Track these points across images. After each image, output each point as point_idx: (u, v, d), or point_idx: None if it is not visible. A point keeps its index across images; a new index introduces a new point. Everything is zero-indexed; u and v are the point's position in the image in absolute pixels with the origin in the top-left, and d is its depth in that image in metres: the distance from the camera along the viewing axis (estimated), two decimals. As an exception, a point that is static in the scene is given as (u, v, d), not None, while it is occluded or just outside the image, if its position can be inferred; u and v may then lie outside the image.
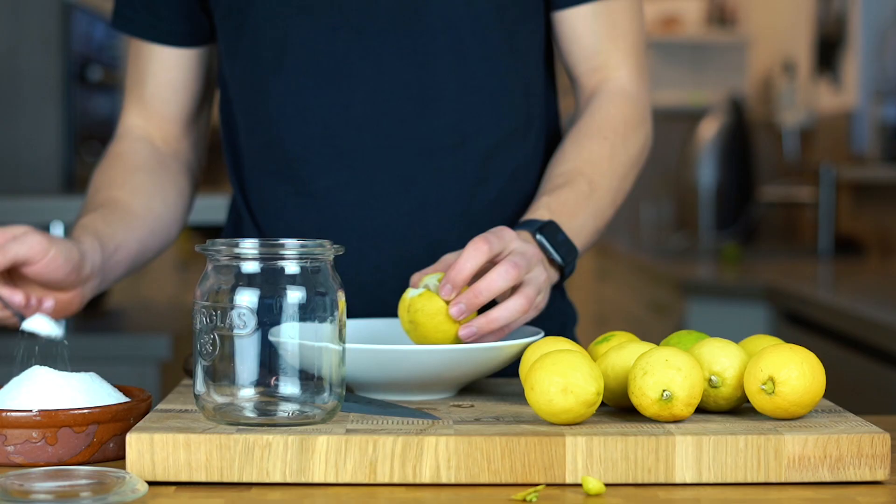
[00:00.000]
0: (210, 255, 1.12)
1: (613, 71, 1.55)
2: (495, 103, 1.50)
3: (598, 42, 1.54)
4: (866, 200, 4.47)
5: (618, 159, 1.51)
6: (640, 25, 1.57)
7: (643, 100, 1.56)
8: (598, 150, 1.49)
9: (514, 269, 1.27)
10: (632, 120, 1.53)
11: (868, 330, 2.76)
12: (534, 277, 1.30)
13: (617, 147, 1.51)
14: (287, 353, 1.10)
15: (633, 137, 1.53)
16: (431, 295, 1.27)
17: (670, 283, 3.96)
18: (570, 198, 1.45)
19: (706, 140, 5.24)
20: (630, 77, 1.55)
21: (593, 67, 1.55)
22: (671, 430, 1.09)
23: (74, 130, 3.86)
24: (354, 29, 1.46)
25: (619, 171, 1.51)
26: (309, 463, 1.06)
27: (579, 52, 1.55)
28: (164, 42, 1.57)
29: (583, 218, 1.45)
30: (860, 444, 1.08)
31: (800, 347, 1.14)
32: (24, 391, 1.16)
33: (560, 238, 1.39)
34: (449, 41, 1.47)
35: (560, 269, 1.40)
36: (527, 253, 1.30)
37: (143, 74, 1.59)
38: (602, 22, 1.54)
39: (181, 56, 1.58)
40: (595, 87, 1.55)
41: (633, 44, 1.56)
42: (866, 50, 4.56)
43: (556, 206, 1.43)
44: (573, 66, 1.57)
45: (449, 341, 1.27)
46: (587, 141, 1.50)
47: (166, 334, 2.81)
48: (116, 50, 4.41)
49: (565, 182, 1.46)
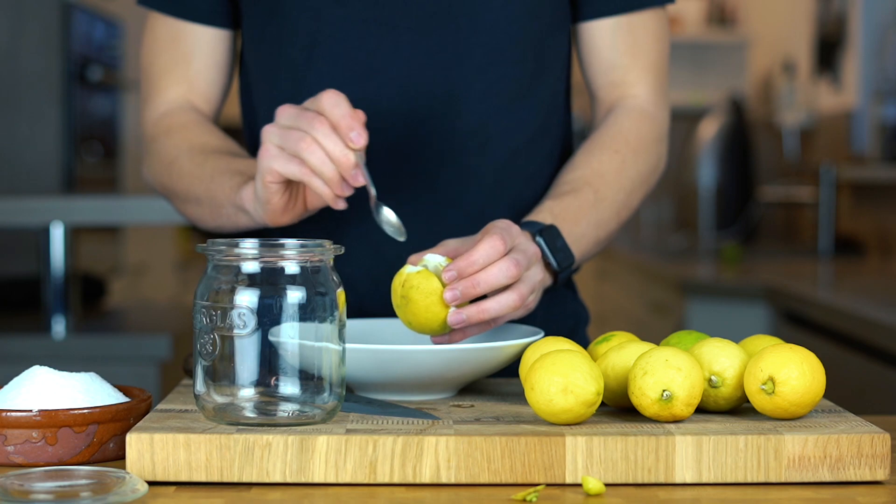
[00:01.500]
0: (210, 255, 1.12)
1: (631, 88, 1.54)
2: (519, 108, 1.50)
3: (616, 56, 1.54)
4: (866, 200, 4.47)
5: (626, 174, 1.50)
6: (662, 45, 1.56)
7: (661, 119, 1.56)
8: (607, 163, 1.49)
9: (515, 268, 1.26)
10: (646, 137, 1.53)
11: (868, 330, 2.76)
12: (530, 276, 1.30)
13: (627, 161, 1.50)
14: (287, 353, 1.10)
15: (646, 154, 1.53)
16: (429, 274, 1.26)
17: (670, 283, 3.96)
18: (574, 205, 1.45)
19: (706, 140, 5.24)
20: (648, 95, 1.55)
21: (612, 82, 1.55)
22: (671, 430, 1.09)
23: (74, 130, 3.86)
24: (387, 24, 1.46)
25: (627, 185, 1.50)
26: (309, 463, 1.06)
27: (598, 65, 1.55)
28: (206, 22, 1.55)
29: (584, 226, 1.45)
30: (860, 444, 1.08)
31: (800, 347, 1.14)
32: (24, 391, 1.16)
33: (559, 244, 1.39)
34: (480, 43, 1.47)
35: (554, 274, 1.40)
36: (528, 251, 1.30)
37: (186, 55, 1.56)
38: (622, 37, 1.54)
39: (220, 37, 1.56)
40: (613, 103, 1.55)
41: (654, 62, 1.55)
42: (866, 50, 4.57)
43: (559, 211, 1.43)
44: (592, 78, 1.57)
45: (436, 323, 1.26)
46: (598, 152, 1.50)
47: (166, 334, 2.81)
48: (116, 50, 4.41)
49: (571, 189, 1.46)
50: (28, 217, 2.92)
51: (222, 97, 1.60)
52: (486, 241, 1.26)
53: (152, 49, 1.57)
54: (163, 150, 1.53)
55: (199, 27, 1.55)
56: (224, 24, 1.56)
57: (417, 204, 1.48)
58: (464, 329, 1.28)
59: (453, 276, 1.25)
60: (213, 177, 1.44)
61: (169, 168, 1.52)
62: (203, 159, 1.48)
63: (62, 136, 3.79)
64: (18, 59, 3.75)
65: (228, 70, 1.59)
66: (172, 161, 1.51)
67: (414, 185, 1.48)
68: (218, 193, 1.44)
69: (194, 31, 1.55)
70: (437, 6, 1.46)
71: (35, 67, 3.76)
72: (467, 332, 1.28)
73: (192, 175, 1.48)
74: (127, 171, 4.74)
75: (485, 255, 1.25)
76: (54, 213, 2.91)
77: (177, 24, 1.56)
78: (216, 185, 1.44)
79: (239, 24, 1.57)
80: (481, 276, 1.25)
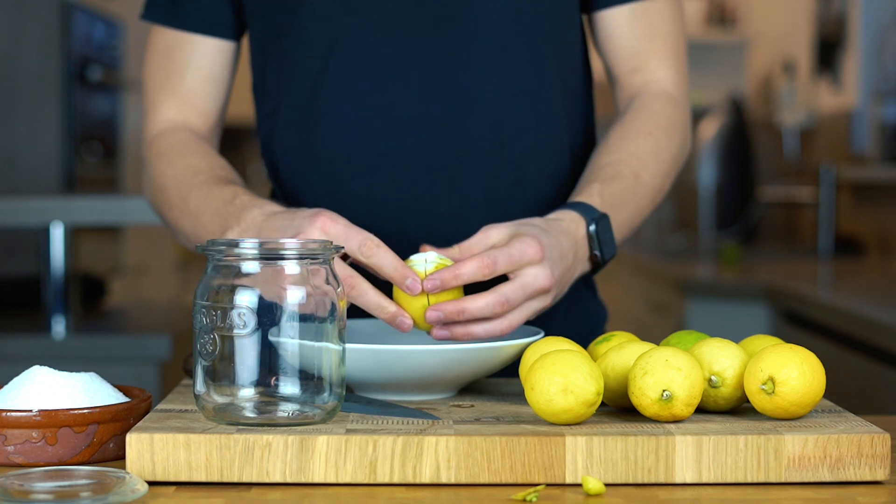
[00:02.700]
0: (210, 255, 1.12)
1: (653, 73, 1.55)
2: (535, 106, 1.50)
3: (636, 43, 1.55)
4: (866, 200, 4.47)
5: (661, 156, 1.51)
6: (679, 28, 1.57)
7: (684, 102, 1.57)
8: (644, 146, 1.50)
9: (501, 307, 1.26)
10: (674, 120, 1.54)
11: (868, 330, 2.76)
12: (531, 306, 1.30)
13: (661, 144, 1.51)
14: (287, 353, 1.10)
15: (676, 137, 1.54)
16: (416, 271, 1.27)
17: (670, 283, 3.96)
18: (619, 190, 1.45)
19: (706, 140, 5.24)
20: (670, 79, 1.55)
21: (633, 68, 1.56)
22: (671, 430, 1.09)
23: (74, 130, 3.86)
24: (400, 30, 1.46)
25: (663, 168, 1.51)
26: (309, 463, 1.06)
27: (618, 53, 1.56)
28: (207, 33, 1.55)
29: (625, 213, 1.45)
30: (860, 444, 1.08)
31: (800, 347, 1.14)
32: (24, 391, 1.16)
33: (608, 236, 1.39)
34: (491, 43, 1.47)
35: (595, 264, 1.41)
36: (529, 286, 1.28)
37: (181, 68, 1.55)
38: (640, 23, 1.54)
39: (221, 48, 1.56)
40: (637, 88, 1.56)
41: (673, 46, 1.56)
42: (866, 50, 4.56)
43: (608, 195, 1.43)
44: (612, 66, 1.57)
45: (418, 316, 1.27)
46: (633, 136, 1.50)
47: (166, 334, 2.81)
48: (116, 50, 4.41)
49: (615, 174, 1.46)
50: (28, 217, 2.92)
51: (220, 110, 1.60)
52: (476, 259, 1.26)
53: (150, 63, 1.58)
54: (154, 175, 1.54)
55: (199, 38, 1.55)
56: (226, 35, 1.56)
57: (436, 206, 1.48)
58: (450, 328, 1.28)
59: (435, 285, 1.25)
60: (198, 215, 1.44)
61: (160, 196, 1.53)
62: (188, 190, 1.47)
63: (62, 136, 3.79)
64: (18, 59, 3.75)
65: (226, 82, 1.59)
66: (161, 189, 1.52)
67: (434, 189, 1.48)
68: (203, 233, 1.44)
69: (192, 43, 1.55)
70: (447, 9, 1.46)
71: (35, 67, 3.76)
72: (455, 333, 1.28)
73: (179, 208, 1.49)
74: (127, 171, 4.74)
75: (469, 274, 1.26)
76: (54, 213, 2.91)
77: (174, 37, 1.56)
78: (201, 224, 1.44)
79: (242, 35, 1.57)
80: (469, 306, 1.26)
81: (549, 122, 1.51)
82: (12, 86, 3.74)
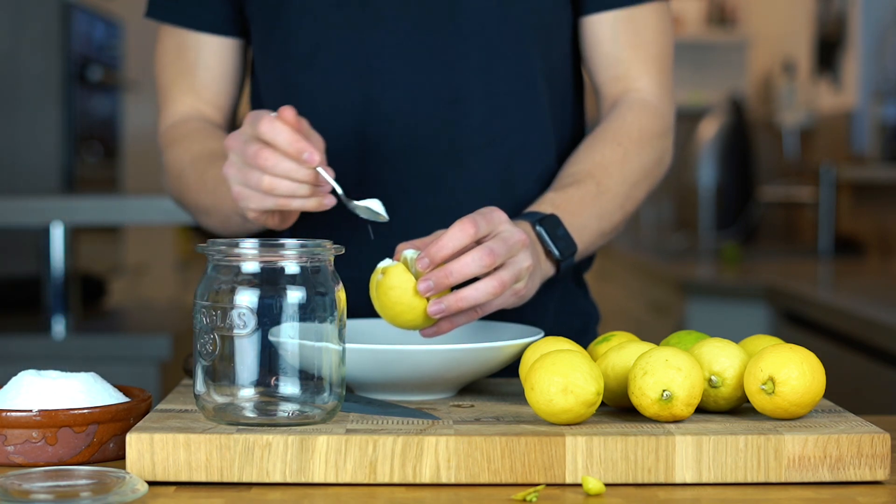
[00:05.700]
0: (210, 255, 1.12)
1: (634, 81, 1.54)
2: (523, 106, 1.50)
3: (618, 50, 1.54)
4: (866, 200, 4.47)
5: (630, 166, 1.50)
6: (665, 38, 1.55)
7: (665, 112, 1.55)
8: (610, 155, 1.49)
9: (489, 257, 1.24)
10: (650, 130, 1.52)
11: (868, 330, 2.76)
12: (515, 262, 1.28)
13: (630, 154, 1.50)
14: (287, 353, 1.10)
15: (650, 147, 1.52)
16: (402, 269, 1.25)
17: (670, 283, 3.96)
18: (576, 196, 1.44)
19: (706, 140, 5.24)
20: (651, 89, 1.54)
21: (615, 76, 1.54)
22: (671, 430, 1.09)
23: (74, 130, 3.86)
24: (387, 26, 1.46)
25: (630, 177, 1.50)
26: (309, 463, 1.06)
27: (601, 60, 1.55)
28: (211, 31, 1.55)
29: (586, 217, 1.44)
30: (860, 444, 1.08)
31: (800, 347, 1.14)
32: (24, 391, 1.16)
33: (560, 232, 1.39)
34: (480, 42, 1.47)
35: (556, 263, 1.40)
36: (510, 239, 1.27)
37: (191, 65, 1.56)
38: (623, 30, 1.53)
39: (227, 46, 1.57)
40: (617, 97, 1.54)
41: (657, 56, 1.55)
42: (866, 50, 4.56)
43: (561, 202, 1.43)
44: (595, 73, 1.56)
45: (416, 316, 1.25)
46: (601, 145, 1.50)
47: (166, 334, 2.81)
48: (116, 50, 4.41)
49: (573, 181, 1.46)
50: (28, 217, 2.92)
51: (234, 104, 1.61)
52: (455, 226, 1.24)
53: (161, 61, 1.59)
54: (171, 162, 1.55)
55: (205, 36, 1.56)
56: (231, 33, 1.56)
57: (423, 205, 1.48)
58: (450, 318, 1.26)
59: (426, 263, 1.23)
60: (216, 188, 1.45)
61: (178, 181, 1.53)
62: (205, 168, 1.48)
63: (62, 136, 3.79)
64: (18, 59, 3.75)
65: (238, 78, 1.59)
66: (179, 174, 1.53)
67: (419, 187, 1.48)
68: (223, 204, 1.44)
69: (199, 41, 1.56)
70: (436, 6, 1.46)
71: (35, 67, 3.76)
72: (455, 322, 1.27)
73: (197, 186, 1.49)
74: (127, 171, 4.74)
75: (454, 240, 1.23)
76: (54, 213, 2.91)
77: (182, 35, 1.56)
78: (220, 196, 1.44)
79: (248, 33, 1.57)
80: (454, 265, 1.23)
81: (537, 122, 1.51)
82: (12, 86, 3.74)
